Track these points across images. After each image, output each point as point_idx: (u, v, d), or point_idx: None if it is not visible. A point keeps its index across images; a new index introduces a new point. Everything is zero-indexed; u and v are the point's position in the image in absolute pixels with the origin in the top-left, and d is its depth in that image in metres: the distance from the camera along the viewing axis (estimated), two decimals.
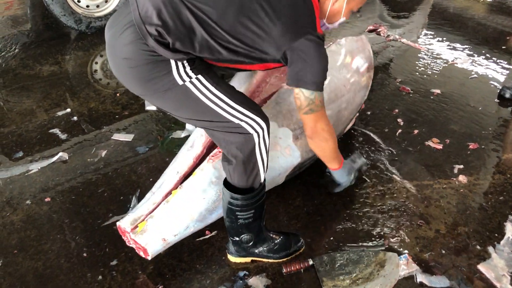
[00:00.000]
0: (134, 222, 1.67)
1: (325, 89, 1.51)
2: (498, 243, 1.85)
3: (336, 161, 1.78)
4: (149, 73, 1.41)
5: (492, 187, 2.13)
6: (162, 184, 1.76)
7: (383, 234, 1.88)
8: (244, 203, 1.58)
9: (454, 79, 3.07)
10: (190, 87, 1.43)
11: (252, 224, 1.66)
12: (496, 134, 2.52)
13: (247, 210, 1.60)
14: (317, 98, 1.48)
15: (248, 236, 1.69)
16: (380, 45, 3.62)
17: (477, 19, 4.17)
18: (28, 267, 1.77)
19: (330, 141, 1.63)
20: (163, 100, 1.48)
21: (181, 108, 1.50)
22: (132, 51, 1.39)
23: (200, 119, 1.50)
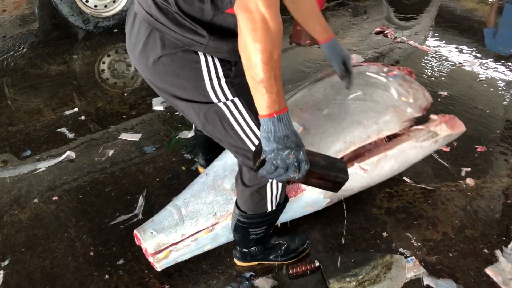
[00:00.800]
0: (158, 247, 1.64)
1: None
2: (505, 247, 1.84)
3: (264, 96, 1.03)
4: (175, 75, 1.24)
5: (500, 190, 2.12)
6: (195, 217, 1.68)
7: (389, 236, 1.88)
8: (258, 221, 1.53)
9: (461, 82, 3.05)
10: (224, 109, 1.25)
11: (263, 238, 1.64)
12: (504, 137, 2.51)
13: (260, 226, 1.56)
14: None
15: (258, 248, 1.68)
16: (387, 47, 3.61)
17: (484, 21, 4.16)
18: (36, 266, 1.78)
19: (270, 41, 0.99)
20: (184, 107, 1.31)
21: (204, 122, 1.31)
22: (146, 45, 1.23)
23: (220, 137, 1.34)
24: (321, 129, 1.76)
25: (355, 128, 1.79)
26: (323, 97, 1.88)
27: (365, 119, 1.81)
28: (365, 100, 1.85)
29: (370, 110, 1.83)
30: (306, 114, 1.80)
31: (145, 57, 1.25)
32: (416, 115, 1.93)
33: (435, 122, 1.96)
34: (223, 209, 1.69)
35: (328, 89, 1.92)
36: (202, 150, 2.15)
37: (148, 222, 1.72)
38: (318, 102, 1.86)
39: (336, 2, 4.43)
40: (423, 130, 1.91)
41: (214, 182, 1.75)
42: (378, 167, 1.83)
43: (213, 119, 1.28)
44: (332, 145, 1.74)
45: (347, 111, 1.82)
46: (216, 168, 1.81)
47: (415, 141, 1.88)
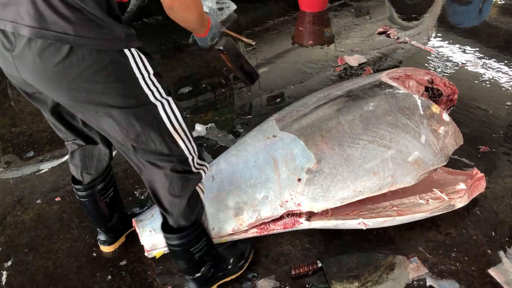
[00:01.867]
0: (154, 246, 1.71)
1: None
2: (508, 248, 1.83)
3: (201, 29, 1.47)
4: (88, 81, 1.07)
5: (503, 191, 2.12)
6: None
7: (392, 237, 1.87)
8: (194, 235, 1.44)
9: (464, 82, 3.05)
10: (159, 108, 1.19)
11: (208, 251, 1.54)
12: (507, 137, 2.50)
13: (199, 240, 1.48)
14: None
15: (208, 266, 1.57)
16: (390, 47, 3.61)
17: (488, 21, 4.14)
18: (39, 266, 1.78)
19: (193, 9, 1.29)
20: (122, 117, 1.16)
21: (139, 131, 1.19)
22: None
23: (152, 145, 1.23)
24: (335, 170, 1.70)
25: (369, 178, 1.71)
26: (348, 130, 1.77)
27: (382, 171, 1.72)
28: (389, 148, 1.74)
29: (390, 160, 1.73)
30: (326, 146, 1.73)
31: (63, 79, 1.05)
32: (438, 166, 1.82)
33: (459, 195, 1.86)
34: (221, 226, 1.71)
35: (356, 120, 1.79)
36: (99, 222, 1.79)
37: (148, 215, 1.74)
38: (342, 136, 1.76)
39: (338, 2, 4.43)
40: (444, 202, 1.83)
41: (219, 194, 1.75)
42: (380, 225, 1.81)
43: (149, 124, 1.19)
44: (340, 191, 1.70)
45: (367, 157, 1.72)
46: (223, 175, 1.79)
47: (429, 213, 1.82)
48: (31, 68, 1.05)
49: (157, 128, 1.20)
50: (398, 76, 2.05)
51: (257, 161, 1.77)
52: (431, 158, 1.79)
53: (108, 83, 1.08)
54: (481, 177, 1.99)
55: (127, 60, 1.09)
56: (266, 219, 1.73)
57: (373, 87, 1.94)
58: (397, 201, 1.84)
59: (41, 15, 0.99)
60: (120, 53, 1.08)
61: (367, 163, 1.72)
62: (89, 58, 1.03)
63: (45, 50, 1.01)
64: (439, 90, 2.16)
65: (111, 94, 1.10)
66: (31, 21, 0.99)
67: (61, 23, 0.99)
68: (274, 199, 1.71)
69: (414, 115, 1.82)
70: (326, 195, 1.70)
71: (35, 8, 0.99)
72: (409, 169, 1.75)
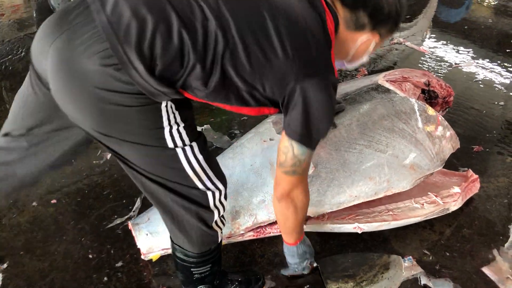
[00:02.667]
0: (151, 249, 1.70)
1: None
2: (502, 246, 1.85)
3: (294, 236, 1.53)
4: (130, 119, 1.11)
5: (497, 190, 2.13)
6: None
7: (387, 236, 1.89)
8: (200, 260, 1.43)
9: (458, 82, 3.07)
10: (180, 154, 1.20)
11: (208, 277, 1.51)
12: (501, 137, 2.52)
13: (203, 265, 1.46)
14: (306, 160, 1.27)
15: (205, 287, 1.54)
16: (385, 48, 3.63)
17: (481, 22, 4.18)
18: (35, 268, 1.78)
19: (300, 213, 1.42)
20: (132, 151, 1.18)
21: (151, 165, 1.21)
22: (105, 81, 1.03)
23: (164, 180, 1.24)
24: (332, 175, 1.71)
25: (366, 183, 1.73)
26: (345, 135, 1.77)
27: (378, 176, 1.74)
28: (385, 153, 1.75)
29: (386, 165, 1.75)
30: (323, 151, 1.73)
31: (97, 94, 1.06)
32: (434, 170, 1.84)
33: (453, 198, 1.88)
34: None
35: (353, 125, 1.79)
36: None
37: (144, 218, 1.75)
38: (339, 141, 1.76)
39: None
40: (439, 206, 1.85)
41: None
42: (376, 229, 1.82)
43: (163, 163, 1.21)
44: (337, 195, 1.71)
45: (363, 162, 1.73)
46: None
47: (424, 217, 1.83)
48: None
49: (169, 168, 1.21)
50: (395, 78, 2.07)
51: (254, 164, 1.78)
52: (427, 163, 1.81)
53: (137, 125, 1.12)
54: (475, 179, 2.01)
55: (159, 108, 1.12)
56: (263, 223, 1.73)
57: (370, 90, 1.95)
58: (393, 205, 1.85)
59: None
60: (156, 103, 1.11)
61: (364, 168, 1.73)
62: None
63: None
64: (435, 92, 2.17)
65: (135, 134, 1.13)
66: None
67: None
68: (270, 203, 1.71)
69: (411, 120, 1.83)
70: (322, 200, 1.71)
71: None
72: (405, 174, 1.77)
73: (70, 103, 1.10)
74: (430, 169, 1.82)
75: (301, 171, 1.29)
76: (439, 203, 1.85)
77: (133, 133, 1.13)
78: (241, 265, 1.79)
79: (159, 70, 1.05)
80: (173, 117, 1.16)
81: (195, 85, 1.10)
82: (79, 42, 1.01)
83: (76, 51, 1.02)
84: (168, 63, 1.04)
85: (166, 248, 1.69)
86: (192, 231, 1.34)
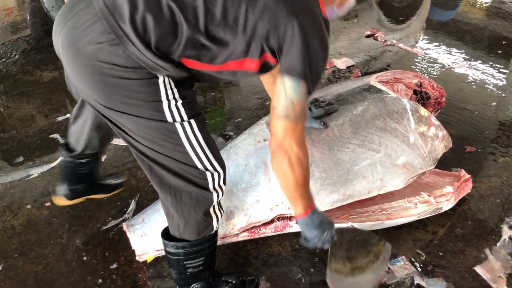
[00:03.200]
0: (146, 250, 1.71)
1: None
2: (494, 245, 1.86)
3: (300, 202, 1.39)
4: (129, 91, 1.18)
5: (489, 190, 2.15)
6: None
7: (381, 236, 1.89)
8: (191, 250, 1.43)
9: (451, 84, 3.09)
10: (179, 129, 1.25)
11: (203, 273, 1.50)
12: (493, 137, 2.54)
13: (196, 257, 1.45)
14: (300, 104, 1.24)
15: (199, 285, 1.53)
16: (378, 50, 3.65)
17: (474, 23, 4.21)
18: (29, 271, 1.78)
19: (297, 170, 1.31)
20: (133, 124, 1.24)
21: (151, 140, 1.26)
22: (105, 55, 1.14)
23: (164, 157, 1.29)
24: (325, 174, 1.72)
25: (359, 182, 1.74)
26: (338, 134, 1.77)
27: (371, 174, 1.75)
28: (378, 152, 1.76)
29: (379, 164, 1.75)
30: (316, 151, 1.73)
31: (102, 66, 1.16)
32: (427, 169, 1.87)
33: (446, 198, 1.90)
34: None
35: (346, 124, 1.79)
36: (68, 179, 1.82)
37: (139, 220, 1.75)
38: (332, 140, 1.76)
39: None
40: (432, 205, 1.86)
41: None
42: (370, 229, 1.82)
43: (163, 137, 1.25)
44: (330, 194, 1.72)
45: (356, 161, 1.74)
46: None
47: (417, 216, 1.85)
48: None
49: (169, 143, 1.26)
50: (387, 79, 2.08)
51: (248, 165, 1.78)
52: (420, 162, 1.82)
53: (136, 98, 1.19)
54: (467, 178, 2.02)
55: (157, 83, 1.20)
56: (257, 223, 1.74)
57: (362, 91, 1.96)
58: (386, 205, 1.86)
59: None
60: (154, 76, 1.19)
61: (357, 167, 1.74)
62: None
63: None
64: (427, 93, 2.19)
65: (134, 106, 1.20)
66: None
67: None
68: (265, 203, 1.72)
69: (403, 119, 1.84)
70: (316, 199, 1.71)
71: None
72: (398, 172, 1.78)
73: (78, 79, 1.22)
74: (423, 168, 1.83)
75: (293, 115, 1.24)
76: (432, 202, 1.87)
77: (133, 105, 1.20)
78: (235, 267, 1.79)
79: (155, 42, 1.13)
80: (171, 93, 1.22)
81: (194, 53, 1.18)
82: (81, 23, 1.15)
83: (79, 31, 1.15)
84: (162, 35, 1.13)
85: (161, 249, 1.68)
86: (189, 215, 1.37)
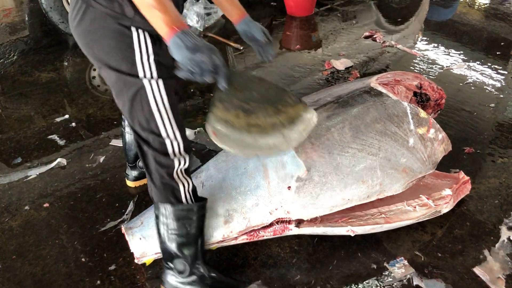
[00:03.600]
0: (144, 254, 1.71)
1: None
2: (493, 246, 1.86)
3: (161, 20, 1.16)
4: (106, 40, 1.32)
5: (487, 191, 2.15)
6: None
7: (379, 237, 1.90)
8: (162, 213, 1.50)
9: (449, 85, 3.09)
10: (147, 86, 1.34)
11: (185, 246, 1.55)
12: (491, 138, 2.54)
13: (171, 225, 1.51)
14: None
15: (181, 262, 1.56)
16: (376, 51, 3.65)
17: (472, 25, 4.21)
18: (27, 272, 1.78)
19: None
20: (110, 76, 1.37)
21: (118, 92, 1.38)
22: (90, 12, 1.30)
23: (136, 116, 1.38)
24: (325, 178, 1.70)
25: (358, 186, 1.72)
26: (338, 138, 1.76)
27: (371, 179, 1.74)
28: (377, 156, 1.75)
29: (379, 168, 1.75)
30: (315, 154, 1.72)
31: (81, 28, 1.35)
32: (426, 173, 1.86)
33: (445, 201, 1.90)
34: (211, 234, 1.70)
35: (346, 128, 1.78)
36: (128, 156, 2.05)
37: (137, 223, 1.74)
38: (332, 144, 1.74)
39: (325, 7, 4.47)
40: (431, 209, 1.86)
41: (209, 201, 1.71)
42: (369, 232, 1.83)
43: (136, 96, 1.35)
44: (330, 199, 1.71)
45: (356, 165, 1.73)
46: (213, 182, 1.78)
47: (416, 219, 1.85)
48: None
49: (140, 103, 1.36)
50: (387, 81, 2.07)
51: (247, 168, 1.78)
52: (419, 166, 1.82)
53: (111, 46, 1.31)
54: (466, 180, 2.02)
55: (131, 37, 1.31)
56: (256, 226, 1.73)
57: (363, 93, 1.94)
58: (385, 208, 1.86)
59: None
60: (127, 28, 1.30)
61: (356, 171, 1.73)
62: (100, 21, 1.30)
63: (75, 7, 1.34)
64: (427, 95, 2.19)
65: (110, 55, 1.32)
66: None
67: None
68: (264, 206, 1.72)
69: (403, 123, 1.84)
70: (315, 203, 1.71)
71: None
72: (397, 177, 1.78)
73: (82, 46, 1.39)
74: (422, 172, 1.83)
75: None
76: (431, 205, 1.86)
77: (110, 55, 1.32)
78: (234, 268, 1.79)
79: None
80: (145, 47, 1.32)
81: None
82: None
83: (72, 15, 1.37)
84: None
85: (160, 252, 1.69)
86: (155, 178, 1.44)
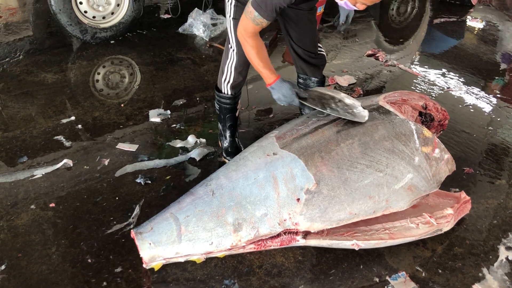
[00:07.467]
0: (153, 259, 1.72)
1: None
2: (492, 265, 1.91)
3: (264, 75, 2.03)
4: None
5: (486, 211, 2.21)
6: (193, 239, 1.72)
7: (382, 252, 1.93)
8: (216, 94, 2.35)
9: (449, 106, 3.16)
10: (227, 4, 2.07)
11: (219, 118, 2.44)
12: (490, 160, 2.61)
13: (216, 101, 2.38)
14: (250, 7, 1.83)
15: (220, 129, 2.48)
16: (378, 69, 3.72)
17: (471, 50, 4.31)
18: (32, 271, 1.78)
19: (246, 47, 1.94)
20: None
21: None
22: None
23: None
24: (333, 192, 1.74)
25: (365, 201, 1.77)
26: (347, 154, 1.81)
27: (377, 195, 1.79)
28: (385, 173, 1.80)
29: (385, 185, 1.80)
30: (325, 168, 1.76)
31: None
32: (430, 191, 1.92)
33: (446, 219, 1.96)
34: (220, 242, 1.72)
35: (355, 144, 1.84)
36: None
37: (147, 228, 1.75)
38: (341, 159, 1.79)
39: (328, 24, 4.55)
40: (433, 227, 1.92)
41: (218, 209, 1.75)
42: (373, 247, 1.88)
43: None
44: (337, 212, 1.75)
45: (363, 181, 1.78)
46: (223, 190, 1.80)
47: (419, 236, 1.90)
48: None
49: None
50: (394, 100, 2.13)
51: (258, 178, 1.80)
52: (424, 184, 1.87)
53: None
54: (467, 200, 2.08)
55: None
56: (264, 236, 1.76)
57: (372, 110, 1.99)
58: (389, 224, 1.90)
59: None
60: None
61: (364, 187, 1.78)
62: None
63: None
64: (431, 115, 2.25)
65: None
66: None
67: None
68: (273, 217, 1.74)
69: (410, 142, 1.89)
70: (323, 216, 1.75)
71: None
72: (403, 194, 1.83)
73: None
74: (427, 190, 1.88)
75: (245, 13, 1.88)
76: (433, 223, 1.91)
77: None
78: (239, 275, 1.81)
79: None
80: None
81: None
82: None
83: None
84: None
85: (168, 258, 1.71)
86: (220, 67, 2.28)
